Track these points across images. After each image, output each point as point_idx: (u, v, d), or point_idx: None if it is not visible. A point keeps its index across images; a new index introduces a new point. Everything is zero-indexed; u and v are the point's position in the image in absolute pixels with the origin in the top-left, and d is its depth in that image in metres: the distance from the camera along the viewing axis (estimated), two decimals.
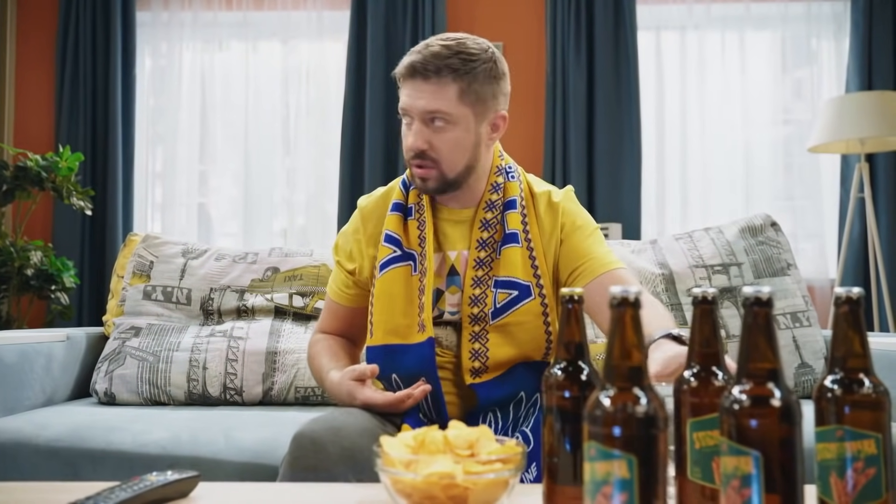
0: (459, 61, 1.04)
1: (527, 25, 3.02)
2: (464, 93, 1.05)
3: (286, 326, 1.66)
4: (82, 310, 2.93)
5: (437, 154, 1.06)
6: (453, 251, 1.13)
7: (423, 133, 1.06)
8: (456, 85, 1.04)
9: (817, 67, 3.01)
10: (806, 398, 1.49)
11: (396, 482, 0.66)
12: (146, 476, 0.76)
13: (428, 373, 1.07)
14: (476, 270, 1.10)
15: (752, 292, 0.56)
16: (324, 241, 3.03)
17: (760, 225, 1.72)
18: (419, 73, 1.04)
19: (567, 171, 2.88)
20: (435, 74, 1.03)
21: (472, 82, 1.05)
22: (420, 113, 1.05)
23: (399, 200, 1.15)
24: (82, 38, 2.99)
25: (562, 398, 0.65)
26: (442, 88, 1.04)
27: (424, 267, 1.10)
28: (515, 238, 1.10)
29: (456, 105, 1.05)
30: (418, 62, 1.04)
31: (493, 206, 1.12)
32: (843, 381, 0.58)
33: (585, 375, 0.65)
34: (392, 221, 1.14)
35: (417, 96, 1.05)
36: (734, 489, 0.54)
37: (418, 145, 1.06)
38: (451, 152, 1.06)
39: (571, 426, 0.64)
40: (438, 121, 1.05)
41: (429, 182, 1.08)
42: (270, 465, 1.22)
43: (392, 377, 1.11)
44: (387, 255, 1.12)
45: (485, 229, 1.11)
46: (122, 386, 1.58)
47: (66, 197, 2.51)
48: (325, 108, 3.08)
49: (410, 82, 1.05)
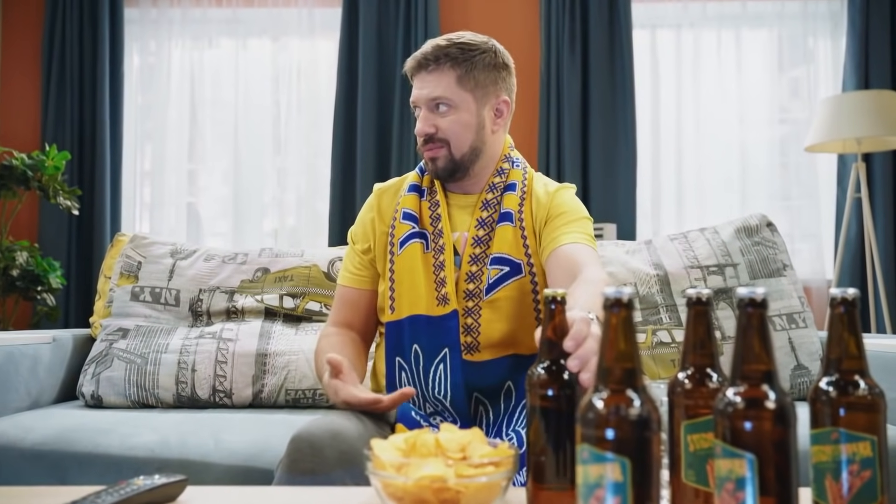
0: (458, 50, 1.15)
1: (521, 23, 3.02)
2: (462, 79, 1.15)
3: (276, 328, 1.65)
4: (69, 311, 2.90)
5: (444, 135, 1.16)
6: (456, 233, 1.19)
7: (430, 118, 1.16)
8: (454, 72, 1.15)
9: (814, 66, 3.01)
10: (802, 400, 1.49)
11: (387, 486, 0.65)
12: (133, 480, 0.75)
13: (451, 345, 1.11)
14: (474, 248, 1.16)
15: (746, 293, 0.55)
16: (315, 241, 3.01)
17: (756, 225, 1.72)
18: (422, 65, 1.16)
19: (561, 171, 2.87)
20: (434, 63, 1.15)
21: (470, 69, 1.15)
22: (425, 101, 1.16)
23: (415, 182, 1.24)
24: (69, 35, 2.96)
25: (545, 397, 0.66)
26: (442, 76, 1.15)
27: (440, 245, 1.17)
28: (510, 217, 1.17)
29: (455, 90, 1.15)
30: (421, 56, 1.16)
31: (494, 187, 1.20)
32: (838, 382, 0.57)
33: (567, 374, 0.66)
34: (409, 200, 1.21)
35: (422, 86, 1.16)
36: (728, 492, 0.53)
37: (426, 129, 1.16)
38: (457, 133, 1.16)
39: (554, 425, 0.65)
40: (442, 106, 1.15)
41: (438, 161, 1.17)
42: (261, 469, 1.21)
43: (414, 348, 1.13)
44: (406, 231, 1.18)
45: (485, 209, 1.18)
46: (109, 388, 1.56)
47: (52, 196, 2.49)
48: (316, 107, 3.06)
49: (417, 76, 1.17)
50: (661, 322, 1.60)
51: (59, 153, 2.52)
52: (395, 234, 1.20)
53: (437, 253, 1.16)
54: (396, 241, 1.19)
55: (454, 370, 1.11)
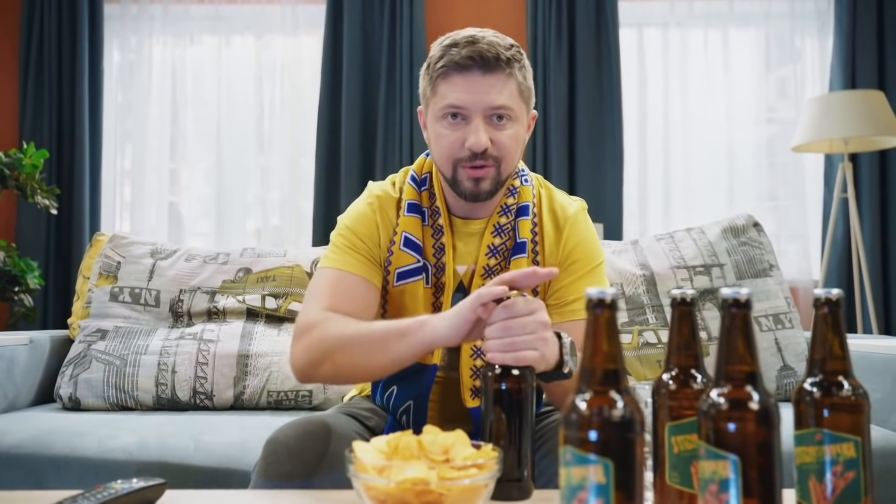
0: (517, 52, 0.99)
1: (507, 21, 3.01)
2: (520, 87, 1.00)
3: (258, 329, 1.63)
4: (47, 312, 2.85)
5: (500, 152, 0.98)
6: (462, 266, 1.05)
7: (487, 131, 0.97)
8: (514, 79, 0.98)
9: (801, 65, 3.02)
10: (788, 401, 1.49)
11: (369, 488, 0.64)
12: (110, 484, 0.74)
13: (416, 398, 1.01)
14: (484, 279, 1.02)
15: (729, 294, 0.55)
16: (298, 241, 2.98)
17: (742, 225, 1.72)
18: (482, 64, 0.95)
19: (548, 170, 2.87)
20: (505, 65, 0.96)
21: (525, 76, 1.01)
22: (484, 108, 0.97)
23: (414, 201, 1.05)
24: (47, 31, 2.91)
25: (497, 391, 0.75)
26: (506, 82, 0.97)
27: (440, 282, 1.02)
28: (524, 248, 1.04)
29: (517, 100, 0.99)
30: (482, 53, 0.95)
31: (507, 210, 1.05)
32: (822, 383, 0.57)
33: (519, 371, 0.75)
34: (411, 224, 1.03)
35: (480, 90, 0.96)
36: (712, 494, 0.53)
37: (484, 142, 0.96)
38: (511, 150, 1.00)
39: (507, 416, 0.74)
40: (503, 117, 0.98)
41: (483, 183, 0.99)
42: (241, 470, 1.19)
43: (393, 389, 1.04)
44: (407, 265, 1.02)
45: (497, 235, 1.04)
46: (87, 391, 1.54)
47: (30, 195, 2.44)
48: (300, 105, 3.03)
49: (467, 76, 0.96)
50: (648, 323, 1.60)
51: (37, 151, 2.47)
52: (392, 262, 1.03)
53: (437, 292, 1.02)
54: (394, 271, 1.03)
55: (416, 423, 1.00)
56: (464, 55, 0.96)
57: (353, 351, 0.92)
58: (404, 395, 1.03)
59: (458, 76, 0.96)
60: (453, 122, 0.99)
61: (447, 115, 0.99)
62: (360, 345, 0.91)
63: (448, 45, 0.98)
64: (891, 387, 1.36)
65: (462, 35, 0.98)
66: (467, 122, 0.98)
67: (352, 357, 0.92)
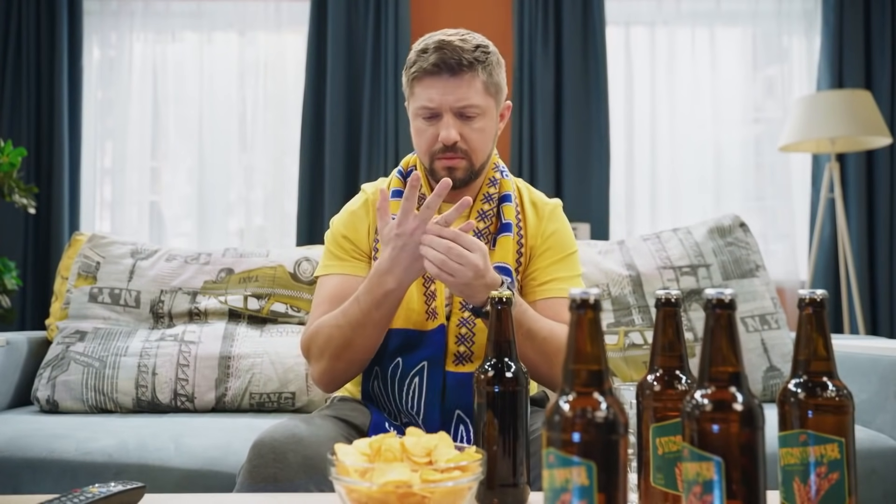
0: (482, 54, 1.09)
1: (493, 19, 3.00)
2: (487, 84, 1.10)
3: (240, 330, 1.61)
4: (25, 313, 2.80)
5: (469, 145, 1.10)
6: None
7: (456, 126, 1.09)
8: (481, 77, 1.09)
9: (788, 65, 3.03)
10: (774, 402, 1.50)
11: (351, 491, 0.64)
12: (87, 488, 0.73)
13: (431, 359, 1.07)
14: None
15: (713, 294, 0.54)
16: (282, 241, 2.96)
17: (729, 226, 1.72)
18: (448, 69, 1.07)
19: (534, 170, 2.87)
20: (467, 68, 1.07)
21: (491, 73, 1.11)
22: (452, 107, 1.09)
23: (399, 188, 1.16)
24: (25, 26, 2.86)
25: (491, 394, 0.73)
26: (471, 81, 1.08)
27: None
28: (509, 228, 1.14)
29: (483, 96, 1.10)
30: (446, 59, 1.07)
31: (489, 198, 1.16)
32: (806, 384, 0.57)
33: (512, 373, 0.73)
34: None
35: (447, 91, 1.08)
36: (696, 495, 0.53)
37: (454, 137, 1.08)
38: (481, 143, 1.12)
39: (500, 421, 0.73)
40: (470, 114, 1.09)
41: (457, 172, 1.11)
42: (223, 473, 1.18)
43: (396, 361, 1.09)
44: None
45: (481, 220, 1.14)
46: (65, 393, 1.51)
47: (7, 194, 2.39)
48: (283, 103, 3.01)
49: (436, 79, 1.08)
50: (634, 323, 1.60)
51: (14, 149, 2.42)
52: (381, 249, 1.11)
53: (427, 279, 1.11)
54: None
55: (430, 387, 1.07)
56: (431, 62, 1.08)
57: (352, 343, 1.04)
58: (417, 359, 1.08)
59: (429, 79, 1.09)
60: (428, 120, 1.11)
61: (420, 115, 1.11)
62: (352, 334, 1.03)
63: (420, 50, 1.10)
64: (876, 387, 1.37)
65: (433, 40, 1.10)
66: (440, 118, 1.10)
67: (353, 350, 1.05)
